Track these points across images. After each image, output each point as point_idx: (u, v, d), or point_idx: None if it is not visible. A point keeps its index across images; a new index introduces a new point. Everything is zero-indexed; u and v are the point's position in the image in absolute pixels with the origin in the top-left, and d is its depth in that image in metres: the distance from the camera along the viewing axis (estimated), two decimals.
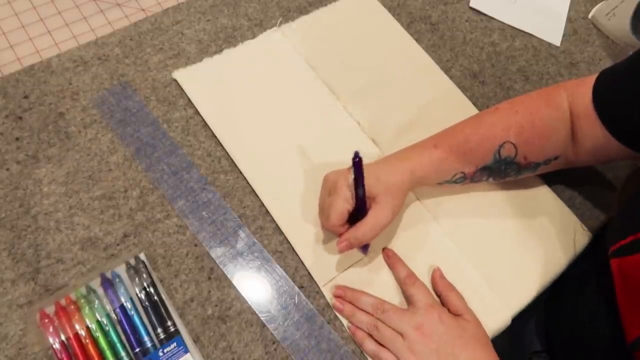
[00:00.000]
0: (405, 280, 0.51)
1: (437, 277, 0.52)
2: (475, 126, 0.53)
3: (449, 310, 0.49)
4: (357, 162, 0.45)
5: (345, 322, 0.50)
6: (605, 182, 0.63)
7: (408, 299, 0.50)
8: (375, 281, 0.52)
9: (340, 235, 0.49)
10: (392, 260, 0.53)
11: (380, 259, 0.53)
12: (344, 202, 0.48)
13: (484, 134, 0.52)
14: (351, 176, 0.46)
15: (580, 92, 0.51)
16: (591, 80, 0.51)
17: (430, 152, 0.52)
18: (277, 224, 0.54)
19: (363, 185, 0.47)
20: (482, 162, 0.52)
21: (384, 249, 0.54)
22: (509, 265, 0.55)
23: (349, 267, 0.53)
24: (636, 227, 0.44)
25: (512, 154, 0.52)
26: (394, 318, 0.48)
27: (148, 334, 0.46)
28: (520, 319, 0.54)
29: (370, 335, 0.48)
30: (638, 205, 0.47)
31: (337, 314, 0.50)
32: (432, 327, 0.46)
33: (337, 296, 0.51)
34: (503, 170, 0.53)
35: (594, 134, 0.50)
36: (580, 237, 0.58)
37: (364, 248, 0.52)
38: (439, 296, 0.51)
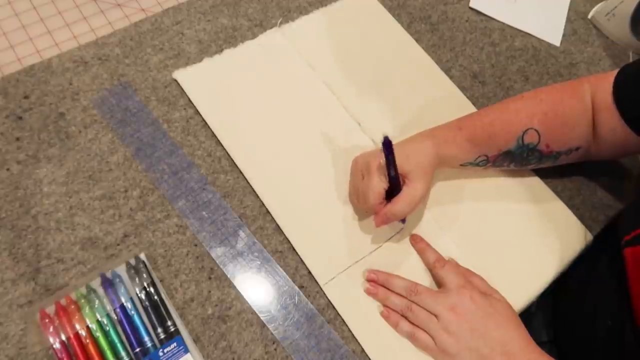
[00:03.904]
0: (435, 264, 0.52)
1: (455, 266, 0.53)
2: (500, 112, 0.55)
3: None
4: (387, 144, 0.47)
5: (349, 319, 0.50)
6: (605, 183, 0.63)
7: (439, 282, 0.52)
8: None
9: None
10: (420, 245, 0.54)
11: (380, 259, 0.54)
12: (380, 182, 0.50)
13: (508, 120, 0.53)
14: (383, 159, 0.48)
15: (602, 86, 0.52)
16: (614, 74, 0.52)
17: (455, 133, 0.54)
18: (277, 224, 0.54)
19: (395, 166, 0.49)
20: (505, 147, 0.53)
21: (411, 235, 0.55)
22: (509, 266, 0.55)
23: (350, 265, 0.53)
24: None
25: (535, 141, 0.53)
26: (427, 300, 0.49)
27: (148, 333, 0.47)
28: (528, 312, 0.54)
29: (405, 318, 0.50)
30: None
31: (338, 312, 0.50)
32: (465, 307, 0.48)
33: (370, 280, 0.52)
34: (525, 157, 0.54)
35: (613, 126, 0.51)
36: (580, 237, 0.58)
37: (402, 221, 0.53)
38: None
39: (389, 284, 0.51)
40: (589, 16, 0.79)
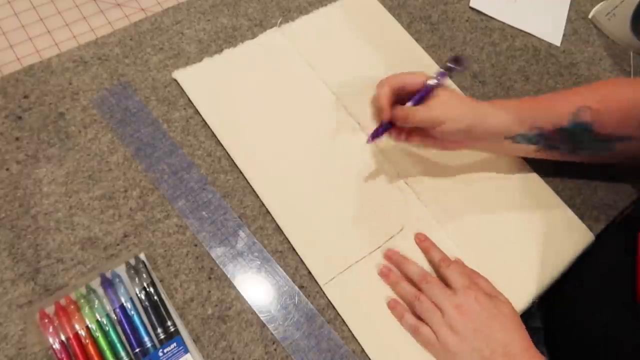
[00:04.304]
0: (440, 264, 0.52)
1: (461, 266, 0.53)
2: (556, 92, 0.57)
3: None
4: (463, 58, 0.52)
5: (349, 319, 0.50)
6: (605, 182, 0.63)
7: (444, 282, 0.51)
8: (377, 280, 0.52)
9: (386, 113, 0.52)
10: (425, 244, 0.54)
11: (380, 259, 0.53)
12: (412, 74, 0.53)
13: (565, 96, 0.55)
14: (449, 65, 0.52)
15: None
16: None
17: (508, 100, 0.56)
18: (277, 224, 0.54)
19: (444, 77, 0.52)
20: (559, 121, 0.53)
21: (416, 234, 0.55)
22: (509, 266, 0.55)
23: (350, 265, 0.53)
24: None
25: (589, 119, 0.53)
26: (436, 292, 0.49)
27: (148, 334, 0.46)
28: (529, 312, 0.55)
29: (409, 314, 0.50)
30: None
31: (338, 312, 0.50)
32: (470, 307, 0.48)
33: (386, 258, 0.53)
34: (578, 138, 0.54)
35: None
36: (581, 236, 0.58)
37: (374, 134, 0.53)
38: None
39: (403, 266, 0.52)
40: (590, 16, 0.79)
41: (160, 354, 0.45)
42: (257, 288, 0.51)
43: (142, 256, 0.50)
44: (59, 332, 0.45)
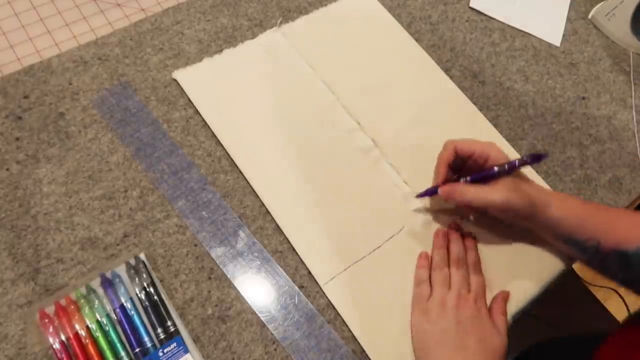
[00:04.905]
0: (473, 267, 0.53)
1: (500, 298, 0.52)
2: (634, 212, 0.50)
3: None
4: (538, 158, 0.49)
5: (349, 319, 0.50)
6: (605, 182, 0.63)
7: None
8: (377, 280, 0.52)
9: (439, 177, 0.52)
10: (469, 243, 0.55)
11: (380, 259, 0.53)
12: (484, 145, 0.51)
13: (638, 221, 0.48)
14: (525, 160, 0.49)
15: None
16: None
17: (574, 198, 0.51)
18: (277, 224, 0.54)
19: (507, 171, 0.49)
20: (624, 242, 0.46)
21: (465, 234, 0.56)
22: (508, 265, 0.55)
23: (350, 265, 0.53)
24: None
25: None
26: (458, 277, 0.51)
27: (148, 334, 0.46)
28: (529, 313, 0.55)
29: (425, 270, 0.52)
30: None
31: (338, 312, 0.50)
32: (470, 309, 0.49)
33: (450, 227, 0.55)
34: (637, 269, 0.46)
35: None
36: None
37: (423, 193, 0.54)
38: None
39: (451, 243, 0.53)
40: (589, 16, 0.79)
41: (160, 354, 0.45)
42: (257, 288, 0.51)
43: (142, 256, 0.50)
44: (59, 332, 0.45)
